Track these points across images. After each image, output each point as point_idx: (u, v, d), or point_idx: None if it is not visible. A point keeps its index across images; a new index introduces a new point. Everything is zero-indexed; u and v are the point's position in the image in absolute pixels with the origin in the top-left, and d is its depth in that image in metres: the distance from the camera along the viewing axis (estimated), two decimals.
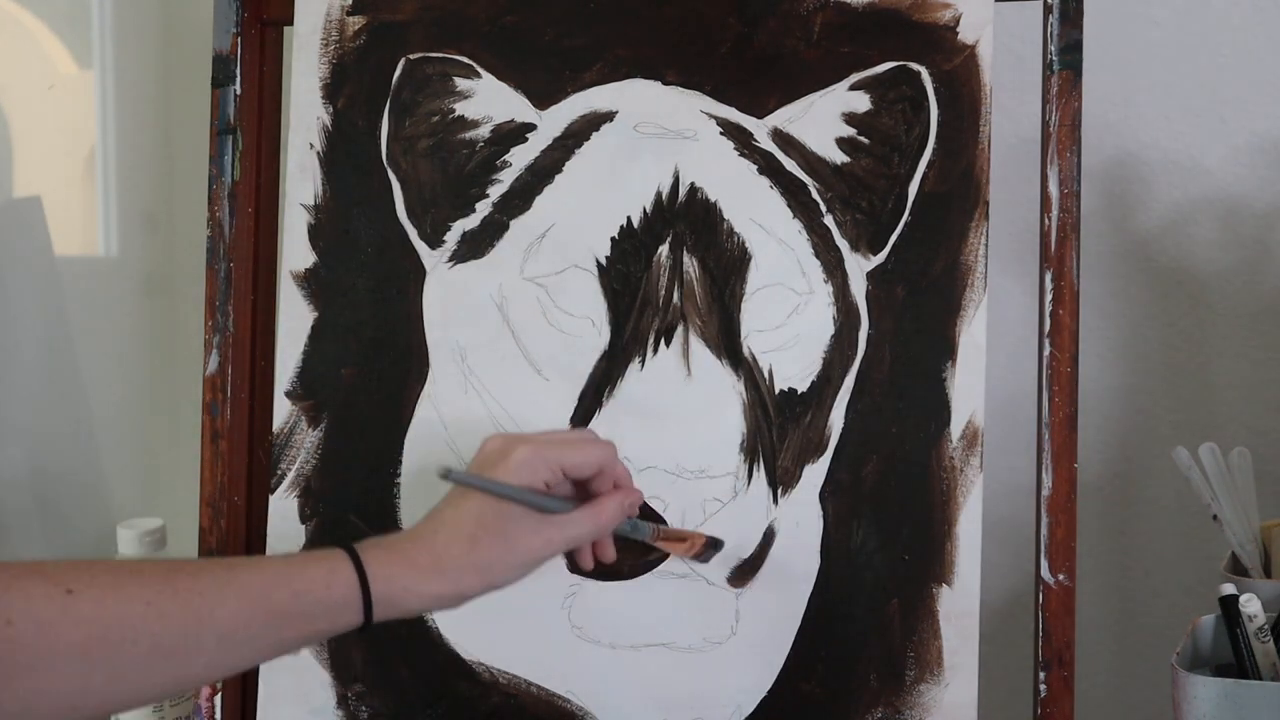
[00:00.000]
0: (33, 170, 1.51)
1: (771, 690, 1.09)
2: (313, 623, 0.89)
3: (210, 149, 1.19)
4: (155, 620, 0.82)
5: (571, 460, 0.96)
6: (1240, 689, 0.98)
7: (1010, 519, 1.29)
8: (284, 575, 0.88)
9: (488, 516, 0.93)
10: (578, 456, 0.97)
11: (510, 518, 0.94)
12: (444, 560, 0.92)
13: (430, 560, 0.92)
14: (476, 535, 0.93)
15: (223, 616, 0.85)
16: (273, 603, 0.87)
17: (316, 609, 0.88)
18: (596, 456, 0.98)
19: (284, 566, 0.90)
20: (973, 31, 1.11)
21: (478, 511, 0.93)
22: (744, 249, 1.11)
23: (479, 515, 0.93)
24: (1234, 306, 1.33)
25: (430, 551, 0.92)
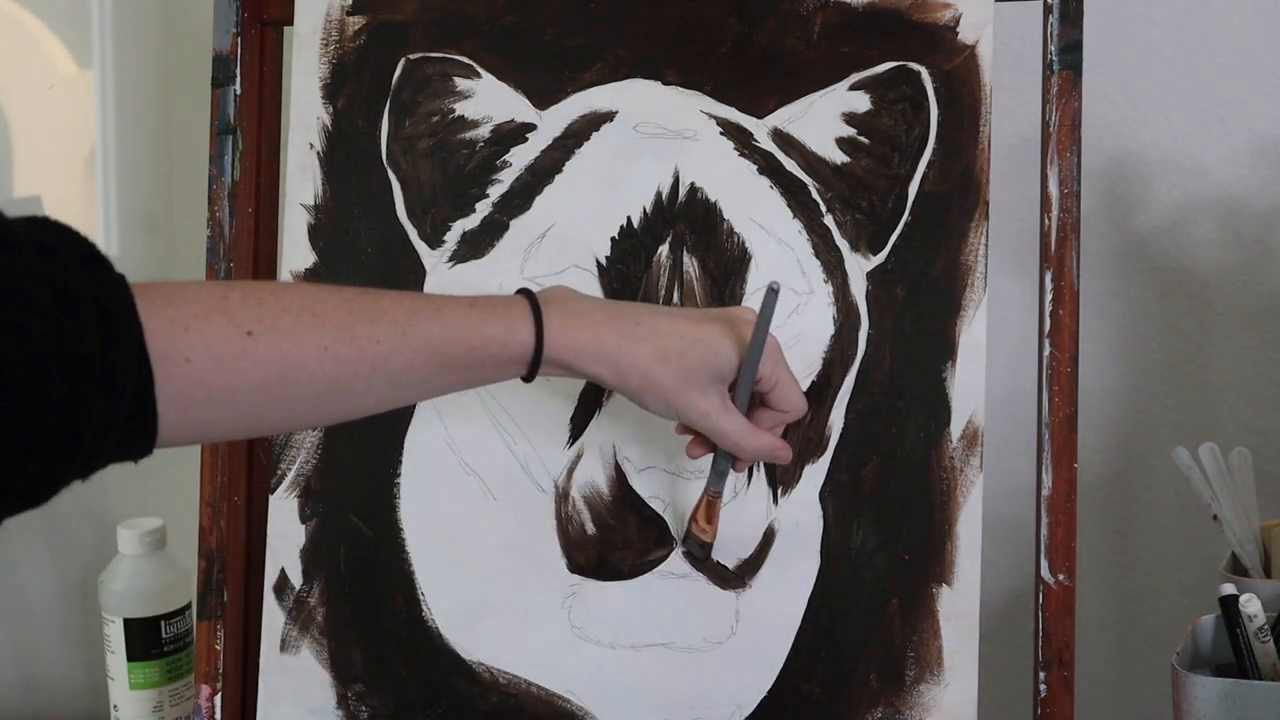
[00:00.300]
0: (33, 170, 1.51)
1: (771, 690, 1.09)
2: (480, 371, 0.91)
3: (210, 149, 1.19)
4: (331, 365, 0.84)
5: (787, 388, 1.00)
6: (1240, 689, 0.98)
7: (1010, 519, 1.29)
8: (462, 329, 0.89)
9: (690, 350, 0.95)
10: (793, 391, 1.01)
11: (704, 367, 0.96)
12: (626, 353, 0.94)
13: (614, 345, 0.94)
14: (668, 355, 0.94)
15: (396, 364, 0.87)
16: (446, 355, 0.89)
17: (487, 362, 0.91)
18: (798, 404, 1.02)
19: (465, 318, 0.90)
20: (973, 31, 1.11)
21: (688, 339, 0.95)
22: (744, 249, 1.11)
23: (685, 343, 0.95)
24: (1234, 306, 1.33)
25: (619, 338, 0.94)
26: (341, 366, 0.85)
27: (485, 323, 0.90)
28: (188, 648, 1.27)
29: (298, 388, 0.84)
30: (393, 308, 0.88)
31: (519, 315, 0.92)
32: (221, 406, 0.82)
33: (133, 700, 1.26)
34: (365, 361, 0.85)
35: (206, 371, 0.80)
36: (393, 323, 0.87)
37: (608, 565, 1.10)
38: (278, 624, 1.14)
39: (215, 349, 0.80)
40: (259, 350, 0.82)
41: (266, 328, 0.82)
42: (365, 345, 0.85)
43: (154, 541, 1.28)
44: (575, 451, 1.11)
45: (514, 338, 0.91)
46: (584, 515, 1.10)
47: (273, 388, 0.83)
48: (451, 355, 0.89)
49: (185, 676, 1.27)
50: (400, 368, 0.87)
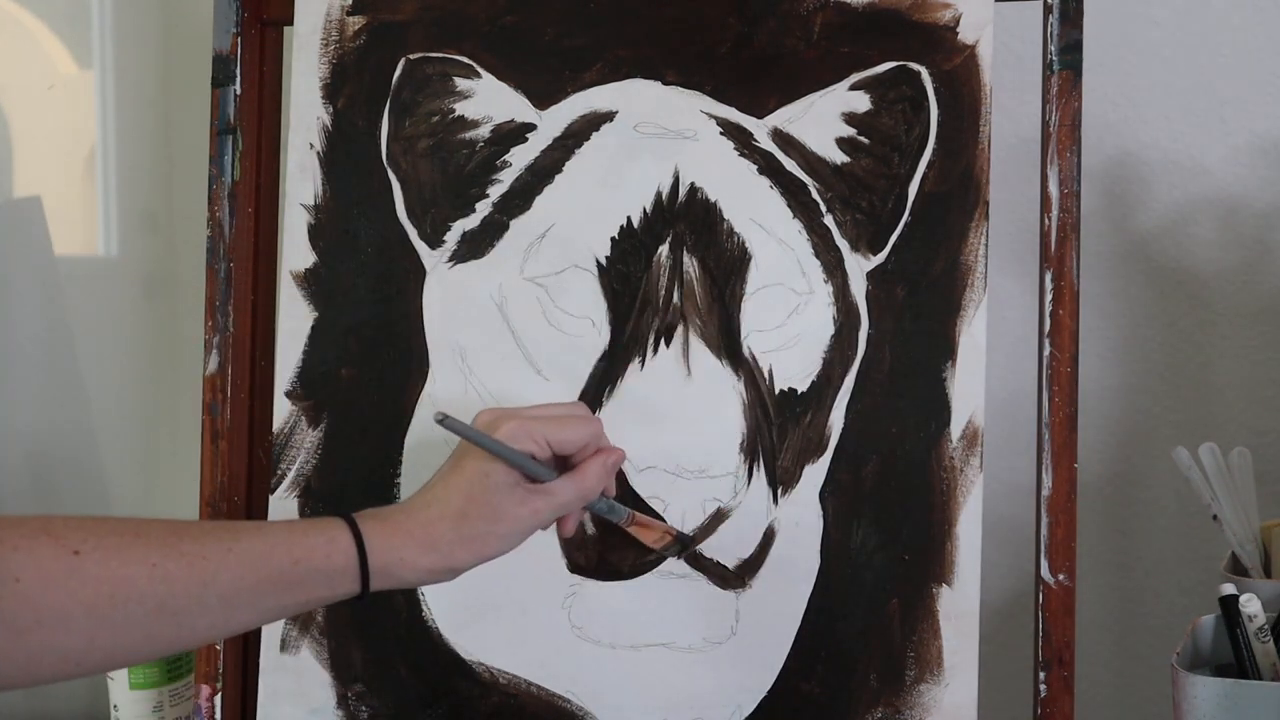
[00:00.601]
0: (33, 170, 1.51)
1: (771, 690, 1.09)
2: (312, 589, 0.91)
3: (210, 149, 1.19)
4: (160, 582, 0.84)
5: (559, 436, 0.97)
6: (1240, 689, 0.98)
7: (1010, 519, 1.29)
8: (285, 543, 0.90)
9: (475, 490, 0.95)
10: (566, 433, 0.98)
11: (498, 490, 0.95)
12: (435, 536, 0.94)
13: (423, 534, 0.93)
14: (465, 510, 0.94)
15: (225, 580, 0.87)
16: (273, 569, 0.89)
17: (316, 576, 0.90)
18: (584, 433, 0.99)
19: (285, 534, 0.91)
20: (973, 31, 1.11)
21: (466, 487, 0.95)
22: (744, 249, 1.11)
23: (467, 490, 0.95)
24: (1234, 306, 1.33)
25: (423, 525, 0.94)
26: (171, 584, 0.85)
27: (306, 535, 0.91)
28: None
29: (128, 607, 0.83)
30: (216, 528, 0.90)
31: (337, 528, 0.92)
32: (51, 631, 0.81)
33: (133, 700, 1.26)
34: (195, 578, 0.86)
35: (35, 592, 0.80)
36: (217, 540, 0.88)
37: (608, 565, 1.10)
38: (278, 624, 1.14)
39: (44, 568, 0.81)
40: (87, 568, 0.82)
41: (93, 546, 0.83)
42: (193, 560, 0.86)
43: None
44: None
45: (335, 547, 0.91)
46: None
47: (104, 608, 0.83)
48: (278, 569, 0.89)
49: (185, 676, 1.27)
50: (229, 583, 0.87)
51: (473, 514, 0.94)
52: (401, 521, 0.94)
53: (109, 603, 0.83)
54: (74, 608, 0.82)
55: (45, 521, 0.83)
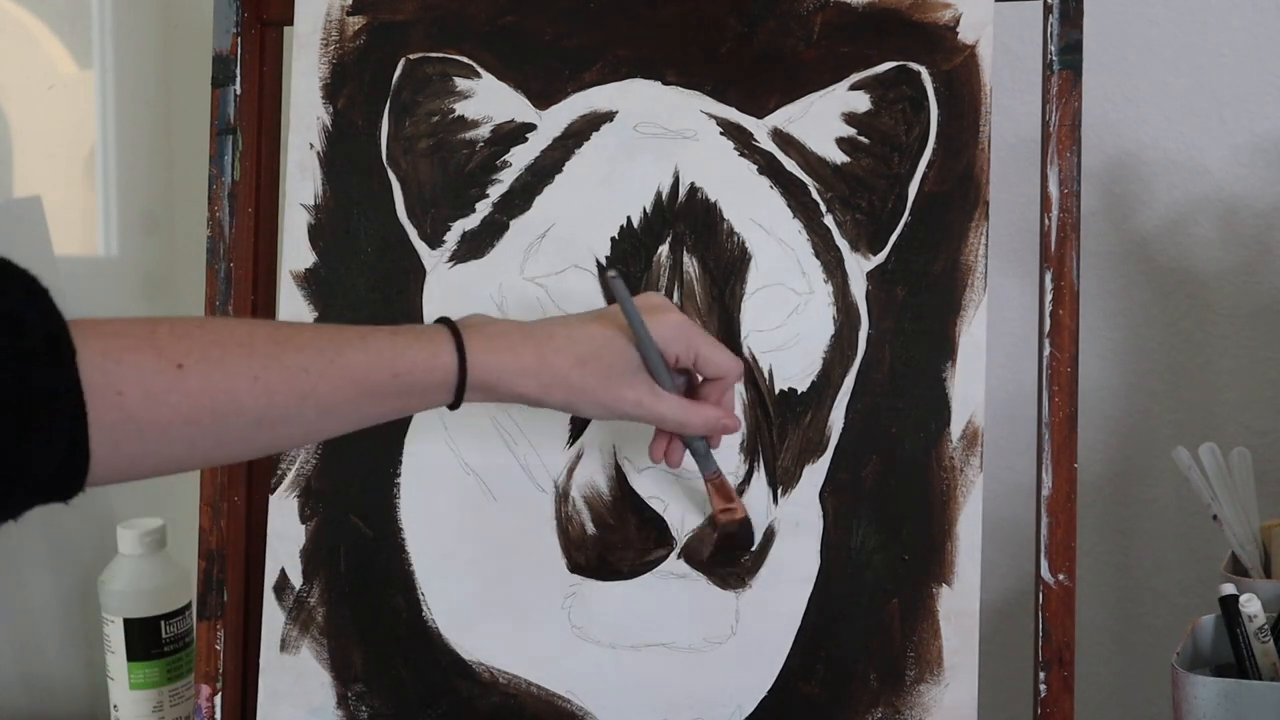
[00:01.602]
0: (33, 170, 1.51)
1: (771, 690, 1.09)
2: (408, 400, 0.92)
3: (210, 149, 1.19)
4: (261, 395, 0.85)
5: (708, 352, 1.00)
6: (1240, 689, 0.98)
7: (1010, 519, 1.29)
8: (387, 355, 0.90)
9: (605, 350, 0.96)
10: (716, 355, 1.00)
11: (623, 361, 0.97)
12: (546, 366, 0.95)
13: (534, 361, 0.94)
14: (586, 359, 0.95)
15: (324, 392, 0.87)
16: (373, 382, 0.89)
17: (414, 388, 0.91)
18: (728, 364, 1.01)
19: (389, 346, 0.91)
20: (973, 31, 1.11)
21: (600, 340, 0.96)
22: (744, 249, 1.11)
23: (598, 344, 0.96)
24: (1234, 306, 1.33)
25: (537, 353, 0.95)
26: (272, 396, 0.85)
27: (409, 348, 0.91)
28: (188, 648, 1.27)
29: (229, 419, 0.84)
30: (318, 338, 0.89)
31: (441, 341, 0.92)
32: (153, 440, 0.81)
33: (133, 700, 1.26)
34: (295, 391, 0.86)
35: (138, 405, 0.80)
36: (319, 351, 0.88)
37: (608, 565, 1.10)
38: (278, 624, 1.14)
39: (147, 382, 0.80)
40: (191, 382, 0.82)
41: (196, 359, 0.82)
42: (294, 374, 0.86)
43: (154, 541, 1.27)
44: (575, 451, 1.11)
45: (437, 362, 0.92)
46: (584, 515, 1.10)
47: (204, 420, 0.83)
48: (378, 382, 0.89)
49: (185, 676, 1.27)
50: (328, 396, 0.87)
51: (591, 366, 0.95)
52: (515, 341, 0.95)
53: (210, 415, 0.83)
54: (175, 420, 0.81)
55: (150, 331, 0.82)
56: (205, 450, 0.85)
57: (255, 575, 1.16)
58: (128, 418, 0.80)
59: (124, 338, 0.81)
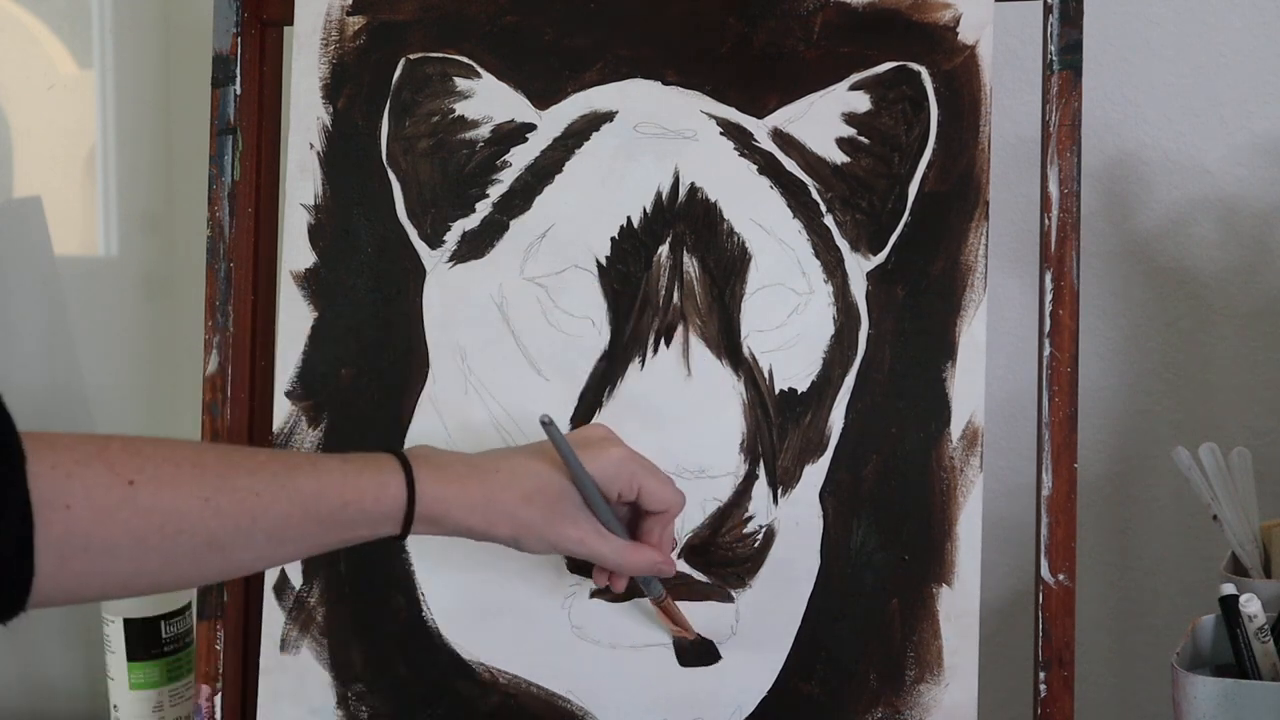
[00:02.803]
0: (33, 170, 1.51)
1: (771, 690, 1.09)
2: (357, 529, 0.92)
3: (210, 149, 1.19)
4: (212, 516, 0.84)
5: (651, 488, 1.00)
6: (1240, 689, 0.98)
7: (1010, 519, 1.29)
8: (338, 483, 0.90)
9: (549, 486, 0.96)
10: (658, 489, 1.00)
11: (567, 499, 0.97)
12: (492, 501, 0.95)
13: (480, 495, 0.95)
14: (531, 495, 0.96)
15: (274, 516, 0.87)
16: (322, 509, 0.89)
17: (362, 518, 0.91)
18: (672, 498, 1.01)
19: (339, 473, 0.91)
20: (973, 31, 1.11)
21: (544, 477, 0.96)
22: (744, 249, 1.11)
23: (543, 480, 0.96)
24: (1234, 306, 1.33)
25: (483, 487, 0.95)
26: (222, 518, 0.84)
27: (359, 476, 0.91)
28: (188, 648, 1.27)
29: (178, 539, 0.83)
30: (270, 462, 0.89)
31: (390, 472, 0.92)
32: (101, 558, 0.81)
33: (133, 700, 1.26)
34: (245, 513, 0.85)
35: (87, 520, 0.79)
36: (271, 475, 0.87)
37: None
38: (278, 624, 1.14)
39: (96, 497, 0.80)
40: (140, 499, 0.81)
41: (148, 476, 0.82)
42: (245, 497, 0.86)
43: None
44: None
45: (386, 492, 0.92)
46: None
47: (153, 539, 0.82)
48: (328, 510, 0.89)
49: (185, 676, 1.27)
50: (278, 521, 0.87)
51: (536, 503, 0.96)
52: (462, 475, 0.95)
53: (159, 534, 0.82)
54: (124, 538, 0.81)
55: (102, 446, 0.82)
56: (153, 572, 0.84)
57: (255, 575, 1.16)
58: (75, 533, 0.79)
59: (75, 451, 0.80)
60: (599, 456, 0.98)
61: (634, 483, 0.99)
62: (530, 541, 0.97)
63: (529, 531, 0.96)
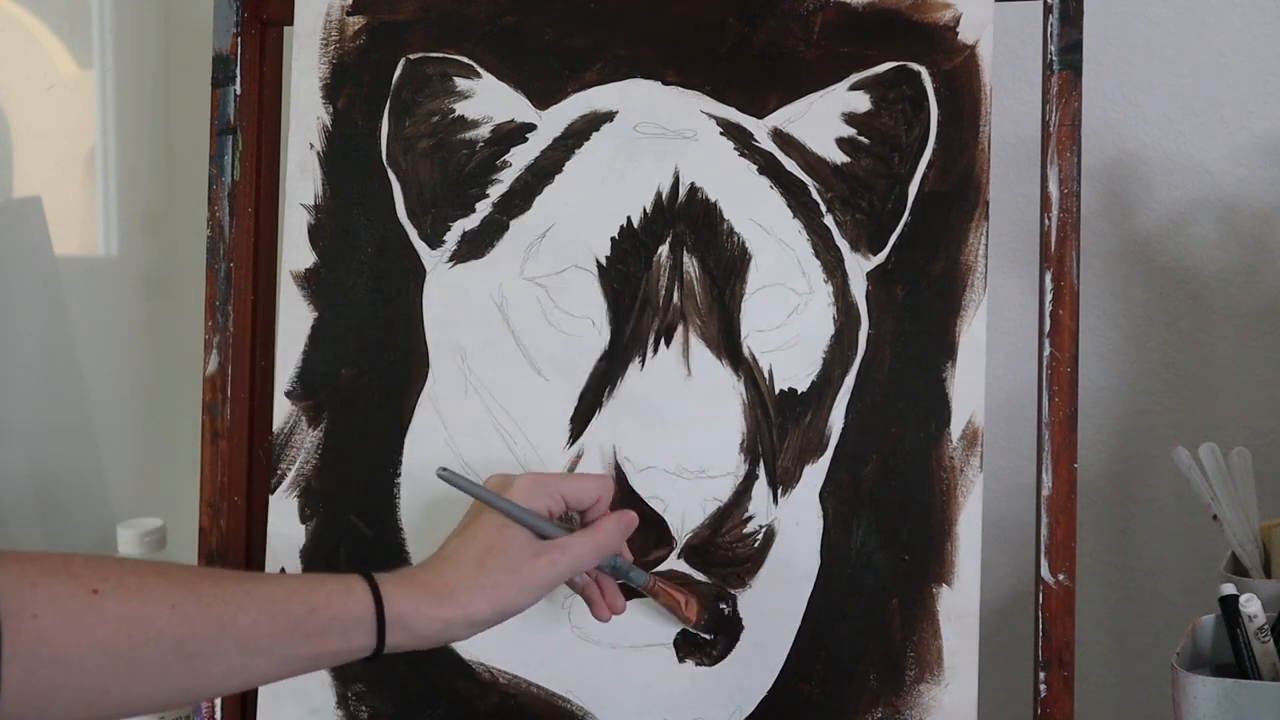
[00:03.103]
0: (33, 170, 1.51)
1: (771, 690, 1.09)
2: (329, 640, 0.91)
3: (210, 149, 1.19)
4: (179, 623, 0.84)
5: (570, 489, 1.00)
6: (1240, 689, 0.98)
7: (1010, 519, 1.30)
8: (302, 590, 0.90)
9: (493, 540, 0.96)
10: (579, 485, 1.01)
11: (515, 543, 0.97)
12: (453, 583, 0.94)
13: (441, 584, 0.94)
14: (483, 559, 0.96)
15: (243, 624, 0.87)
16: (291, 615, 0.89)
17: (333, 625, 0.90)
18: (596, 487, 1.02)
19: (304, 583, 0.92)
20: (973, 31, 1.11)
21: (484, 538, 0.96)
22: (744, 249, 1.11)
23: (485, 541, 0.96)
24: (1234, 306, 1.33)
25: (440, 576, 0.95)
26: (190, 624, 0.85)
27: (324, 584, 0.91)
28: None
29: (146, 648, 0.83)
30: (234, 574, 0.92)
31: (353, 580, 0.93)
32: (69, 669, 0.80)
33: None
34: (213, 619, 0.86)
35: (54, 629, 0.79)
36: (236, 583, 0.88)
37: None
38: None
39: (62, 606, 0.80)
40: (106, 607, 0.82)
41: (112, 585, 0.83)
42: (211, 603, 0.86)
43: (154, 541, 1.27)
44: (575, 451, 1.11)
45: (352, 597, 0.91)
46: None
47: (121, 648, 0.82)
48: (296, 616, 0.89)
49: None
50: (247, 628, 0.87)
51: (490, 563, 0.95)
52: (419, 575, 0.95)
53: (127, 643, 0.82)
54: (91, 647, 0.81)
55: (65, 559, 0.83)
56: (123, 684, 0.83)
57: None
58: (43, 643, 0.79)
59: (40, 563, 0.81)
60: (510, 488, 0.98)
61: (555, 494, 0.99)
62: (510, 600, 0.96)
63: (501, 592, 0.95)
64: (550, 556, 0.97)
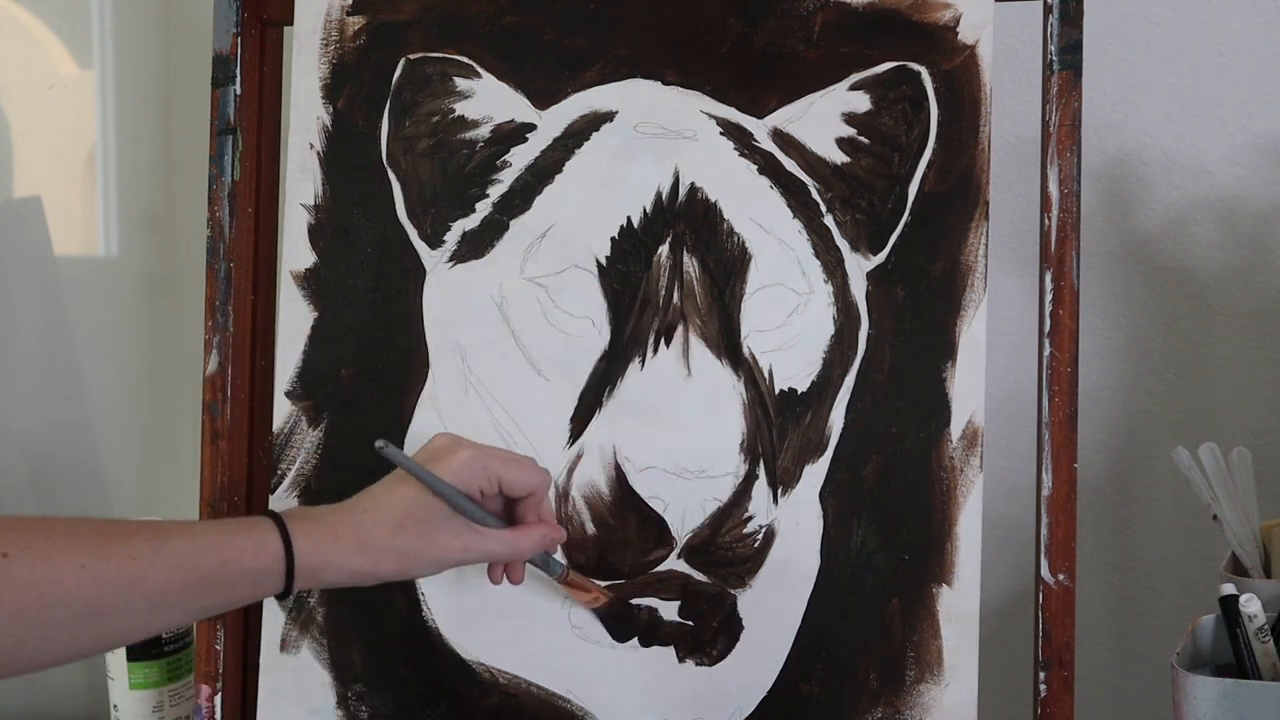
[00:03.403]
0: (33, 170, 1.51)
1: (771, 690, 1.09)
2: (239, 589, 0.92)
3: (210, 149, 1.19)
4: (89, 583, 0.85)
5: (510, 476, 1.00)
6: (1240, 689, 0.98)
7: (1010, 519, 1.29)
8: (213, 543, 0.91)
9: (417, 508, 0.97)
10: (517, 474, 1.01)
11: (438, 515, 0.97)
12: (366, 539, 0.96)
13: (353, 537, 0.95)
14: (403, 523, 0.96)
15: (154, 581, 0.87)
16: (202, 570, 0.90)
17: (242, 577, 0.92)
18: (534, 479, 1.02)
19: (214, 535, 0.92)
20: (973, 31, 1.11)
21: (409, 501, 0.97)
22: (744, 249, 1.11)
23: (409, 505, 0.97)
24: (1234, 306, 1.33)
25: (355, 529, 0.96)
26: (100, 585, 0.85)
27: (235, 536, 0.92)
28: (188, 648, 1.27)
29: (56, 610, 0.83)
30: (144, 529, 0.90)
31: (265, 529, 0.93)
32: None
33: (133, 700, 1.26)
34: (124, 579, 0.86)
35: None
36: (145, 540, 0.88)
37: (608, 565, 1.10)
38: (278, 624, 1.14)
39: None
40: (15, 570, 0.82)
41: (21, 548, 0.83)
42: (122, 562, 0.86)
43: None
44: (575, 451, 1.11)
45: (264, 548, 0.92)
46: (584, 515, 1.10)
47: (31, 610, 0.82)
48: (206, 570, 0.90)
49: (185, 676, 1.27)
50: (157, 585, 0.87)
51: (409, 530, 0.96)
52: (333, 523, 0.96)
53: (37, 605, 0.83)
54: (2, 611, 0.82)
55: None
56: (34, 646, 0.84)
57: None
58: None
59: None
60: (449, 462, 0.98)
61: (491, 476, 0.99)
62: (416, 567, 0.98)
63: (412, 559, 0.97)
64: (466, 541, 0.98)
